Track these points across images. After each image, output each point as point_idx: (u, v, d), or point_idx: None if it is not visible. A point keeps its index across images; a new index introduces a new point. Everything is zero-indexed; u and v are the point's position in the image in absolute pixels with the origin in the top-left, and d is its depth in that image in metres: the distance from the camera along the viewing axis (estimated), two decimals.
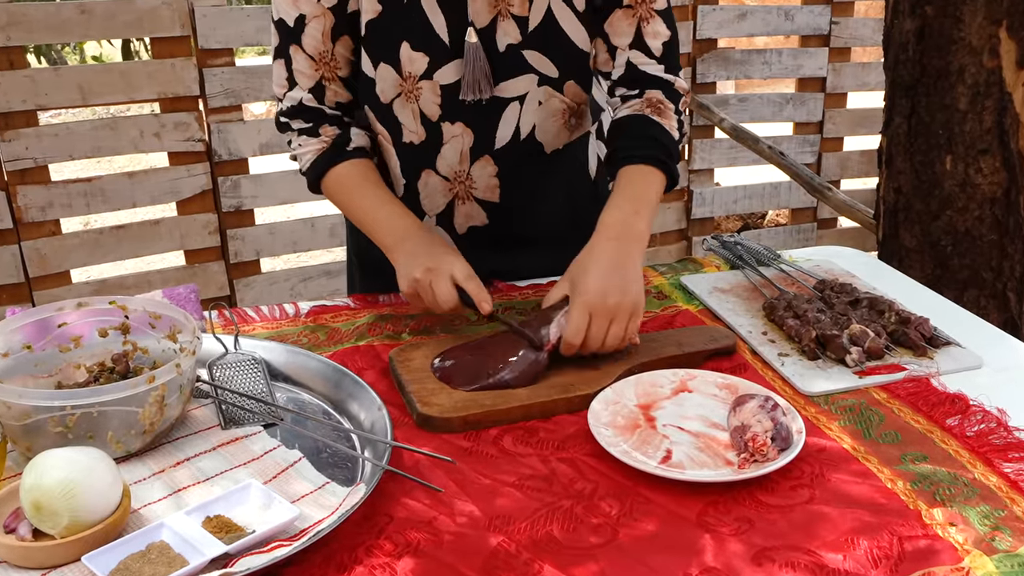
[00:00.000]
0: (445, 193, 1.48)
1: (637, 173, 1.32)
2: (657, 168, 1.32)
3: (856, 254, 1.70)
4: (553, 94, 1.40)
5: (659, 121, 1.37)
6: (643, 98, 1.39)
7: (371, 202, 1.38)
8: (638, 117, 1.37)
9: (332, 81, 1.41)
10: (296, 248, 3.45)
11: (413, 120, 1.41)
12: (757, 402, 1.10)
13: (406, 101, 1.39)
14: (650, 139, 1.34)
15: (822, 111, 4.07)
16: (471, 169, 1.44)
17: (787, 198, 4.20)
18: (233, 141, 3.18)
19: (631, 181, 1.31)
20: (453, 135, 1.41)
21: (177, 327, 1.15)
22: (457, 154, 1.43)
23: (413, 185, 1.48)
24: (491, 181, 1.46)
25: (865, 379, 1.23)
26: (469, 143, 1.42)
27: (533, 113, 1.41)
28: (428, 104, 1.38)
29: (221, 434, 1.10)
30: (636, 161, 1.32)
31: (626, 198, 1.29)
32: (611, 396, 1.17)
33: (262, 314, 1.43)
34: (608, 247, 1.24)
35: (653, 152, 1.33)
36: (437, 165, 1.45)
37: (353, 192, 1.40)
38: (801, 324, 1.33)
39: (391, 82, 1.37)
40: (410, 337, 1.36)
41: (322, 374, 1.21)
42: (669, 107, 1.39)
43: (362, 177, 1.40)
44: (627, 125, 1.38)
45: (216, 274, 3.30)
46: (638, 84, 1.40)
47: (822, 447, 1.09)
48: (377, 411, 1.11)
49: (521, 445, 1.10)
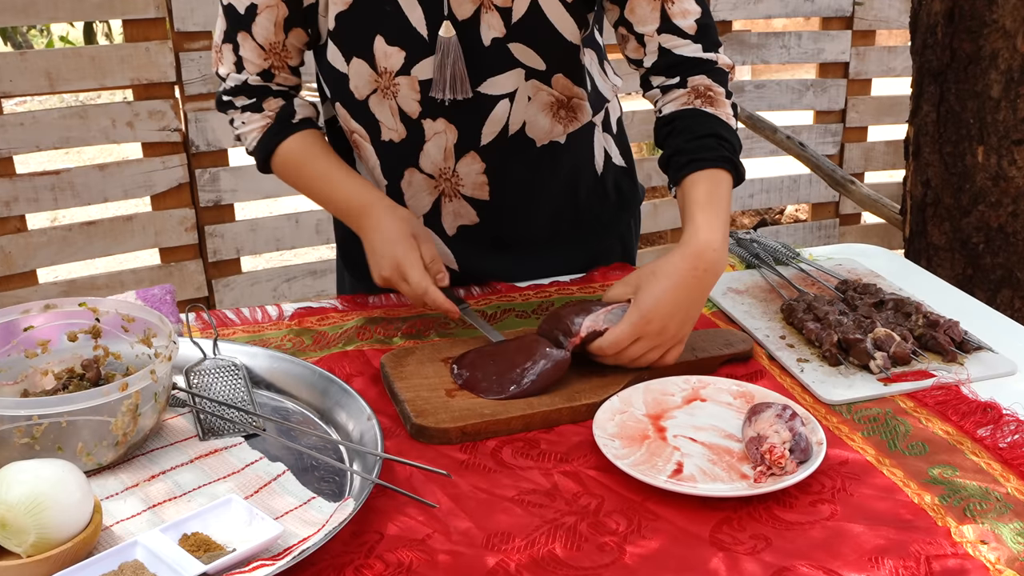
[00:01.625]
0: (430, 191, 1.48)
1: (709, 181, 1.27)
2: (726, 170, 1.28)
3: (881, 252, 1.70)
4: (541, 88, 1.40)
5: (714, 113, 1.33)
6: (688, 88, 1.35)
7: (323, 176, 1.39)
8: (691, 113, 1.33)
9: (281, 69, 1.41)
10: (279, 246, 3.45)
11: (392, 117, 1.41)
12: (774, 411, 1.10)
13: (383, 98, 1.39)
14: (712, 137, 1.30)
15: (844, 99, 4.08)
16: (456, 166, 1.44)
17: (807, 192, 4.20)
18: (212, 131, 3.18)
19: (706, 193, 1.26)
20: (435, 132, 1.41)
21: (152, 331, 1.15)
22: (441, 151, 1.43)
23: (396, 185, 1.48)
24: (479, 178, 1.46)
25: (890, 387, 1.23)
26: (453, 140, 1.42)
27: (523, 110, 1.41)
28: (407, 101, 1.38)
29: (199, 445, 1.10)
30: (704, 166, 1.28)
31: (709, 216, 1.23)
32: (618, 405, 1.17)
33: (243, 317, 1.44)
34: (688, 273, 1.20)
35: (718, 152, 1.29)
36: (420, 163, 1.45)
37: (303, 168, 1.41)
38: (822, 327, 1.33)
39: (365, 78, 1.38)
40: (403, 341, 1.36)
41: (308, 381, 1.21)
42: (719, 92, 1.35)
43: (311, 150, 1.41)
44: (682, 123, 1.33)
45: (193, 274, 3.30)
46: (677, 70, 1.37)
47: (844, 459, 1.10)
48: (367, 421, 1.11)
49: (521, 457, 1.11)
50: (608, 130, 1.56)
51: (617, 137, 1.59)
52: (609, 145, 1.56)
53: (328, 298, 1.52)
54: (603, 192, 1.56)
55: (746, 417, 1.12)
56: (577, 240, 1.56)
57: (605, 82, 1.52)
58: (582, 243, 1.57)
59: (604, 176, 1.56)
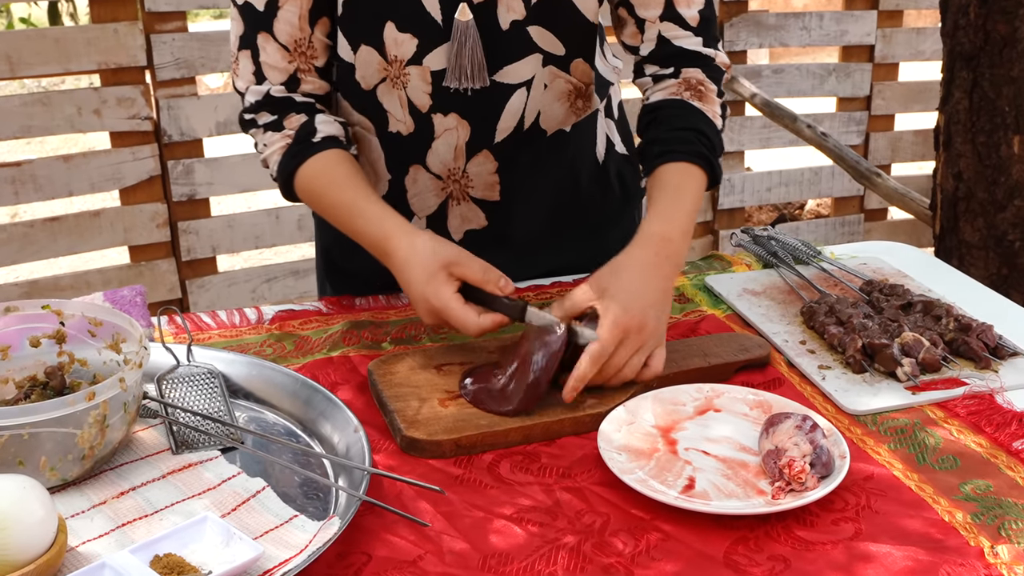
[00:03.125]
0: (437, 193, 1.47)
1: (678, 173, 1.30)
2: (699, 166, 1.31)
3: (909, 250, 1.71)
4: (559, 75, 1.40)
5: (700, 108, 1.36)
6: (680, 79, 1.38)
7: (343, 205, 1.33)
8: (676, 103, 1.36)
9: (308, 73, 1.38)
10: (259, 243, 3.46)
11: (400, 109, 1.40)
12: (794, 422, 1.10)
13: (392, 87, 1.38)
14: (691, 131, 1.33)
15: (870, 84, 4.08)
16: (467, 166, 1.44)
17: (829, 185, 4.21)
18: (185, 119, 3.19)
19: (671, 185, 1.30)
20: (446, 128, 1.40)
21: (121, 335, 1.15)
22: (451, 150, 1.43)
23: (399, 181, 1.47)
24: (490, 178, 1.46)
25: (919, 395, 1.24)
26: (465, 137, 1.41)
27: (539, 99, 1.41)
28: (417, 93, 1.38)
29: (172, 460, 1.10)
30: (677, 158, 1.31)
31: (668, 206, 1.27)
32: (625, 416, 1.17)
33: (219, 320, 1.44)
34: (652, 262, 1.23)
35: (695, 147, 1.31)
36: (428, 161, 1.44)
37: (323, 196, 1.36)
38: (845, 332, 1.34)
39: (374, 66, 1.37)
40: (392, 347, 1.37)
41: (289, 390, 1.21)
42: (711, 89, 1.38)
43: (331, 175, 1.35)
44: (664, 113, 1.36)
45: (166, 274, 3.30)
46: (672, 61, 1.39)
47: (869, 474, 1.10)
48: (353, 433, 1.11)
49: (520, 472, 1.11)
50: (610, 115, 1.56)
51: (619, 123, 1.59)
52: (611, 131, 1.56)
53: (311, 300, 1.52)
54: (605, 182, 1.56)
55: (763, 429, 1.12)
56: (579, 236, 1.57)
57: (606, 65, 1.52)
58: (585, 239, 1.57)
59: (606, 164, 1.56)
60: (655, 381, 1.24)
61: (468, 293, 1.24)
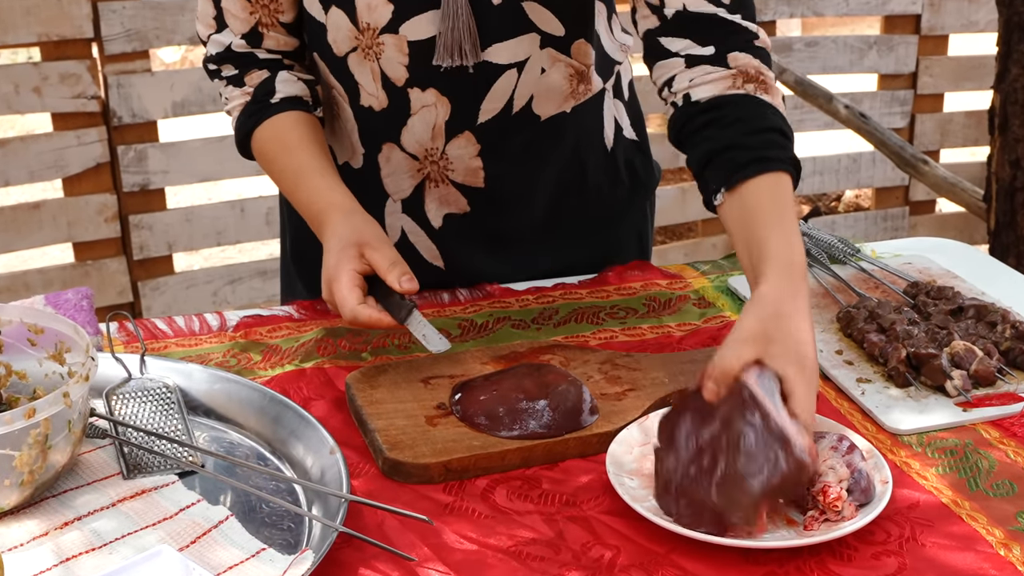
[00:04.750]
0: (412, 174, 1.49)
1: (777, 185, 1.23)
2: (789, 174, 1.25)
3: (960, 248, 1.71)
4: (559, 58, 1.41)
5: (771, 103, 1.30)
6: (733, 69, 1.30)
7: (292, 172, 1.41)
8: (745, 100, 1.29)
9: (271, 27, 1.42)
10: (221, 240, 3.46)
11: (372, 82, 1.42)
12: (828, 442, 1.11)
13: (363, 58, 1.40)
14: (775, 132, 1.27)
15: (915, 59, 4.09)
16: (446, 147, 1.45)
17: (869, 174, 4.21)
18: (138, 98, 3.19)
19: (780, 201, 1.22)
20: (424, 104, 1.42)
21: (64, 344, 1.15)
22: (428, 128, 1.44)
23: (373, 157, 1.49)
24: (472, 163, 1.47)
25: (971, 412, 1.24)
26: (445, 116, 1.42)
27: (533, 84, 1.41)
28: (392, 65, 1.39)
29: (123, 485, 1.10)
30: (773, 167, 1.23)
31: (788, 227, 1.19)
32: (636, 435, 1.17)
33: (176, 327, 1.44)
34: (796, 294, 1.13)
35: (786, 152, 1.25)
36: (402, 139, 1.45)
37: (274, 161, 1.43)
38: (887, 340, 1.34)
39: (345, 32, 1.38)
40: (373, 357, 1.37)
41: (256, 406, 1.21)
42: (770, 77, 1.32)
43: (285, 139, 1.42)
44: (735, 112, 1.28)
45: (115, 274, 3.30)
46: (704, 33, 1.31)
47: (914, 502, 1.10)
48: (329, 455, 1.11)
49: (519, 500, 1.11)
50: (619, 96, 1.56)
51: (629, 104, 1.59)
52: (620, 114, 1.56)
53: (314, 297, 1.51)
54: (614, 171, 1.57)
55: None
56: (585, 232, 1.57)
57: (613, 41, 1.52)
58: (591, 236, 1.57)
59: (615, 151, 1.56)
60: (670, 396, 1.24)
61: (374, 285, 1.28)
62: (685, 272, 1.62)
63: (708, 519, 1.02)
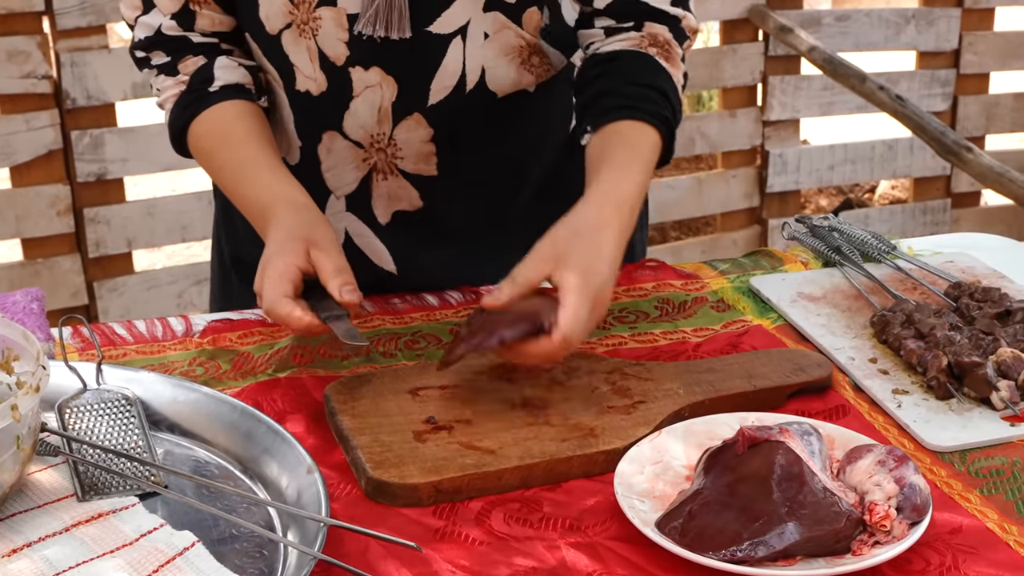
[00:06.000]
0: (357, 164, 1.49)
1: (638, 132, 1.36)
2: (660, 133, 1.37)
3: (1007, 244, 1.71)
4: (506, 24, 1.41)
5: (667, 68, 1.41)
6: (643, 32, 1.43)
7: (232, 168, 1.41)
8: (639, 56, 1.41)
9: (204, 5, 1.42)
10: (186, 235, 3.46)
11: (310, 63, 1.42)
12: (875, 456, 1.10)
13: (299, 36, 1.40)
14: (655, 90, 1.39)
15: (958, 35, 4.09)
16: (394, 132, 1.46)
17: (907, 163, 4.22)
18: (93, 78, 3.19)
19: (630, 142, 1.35)
20: (367, 85, 1.42)
21: (12, 352, 1.15)
22: (373, 112, 1.44)
23: (312, 149, 1.50)
24: (424, 147, 1.47)
25: (1019, 427, 1.24)
26: (391, 97, 1.43)
27: (479, 52, 1.42)
28: (330, 42, 1.40)
29: (78, 508, 1.10)
30: (639, 116, 1.36)
31: (627, 163, 1.33)
32: (649, 453, 1.17)
33: (137, 332, 1.44)
34: (606, 224, 1.27)
35: (659, 109, 1.37)
36: (345, 126, 1.46)
37: (212, 156, 1.44)
38: (927, 347, 1.34)
39: (278, 6, 1.39)
40: (355, 365, 1.37)
41: (226, 420, 1.21)
42: (676, 52, 1.44)
43: (225, 131, 1.43)
44: (624, 64, 1.41)
45: (68, 273, 3.30)
46: (632, 16, 1.44)
47: (956, 526, 1.10)
48: (306, 475, 1.11)
49: (517, 524, 1.11)
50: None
51: None
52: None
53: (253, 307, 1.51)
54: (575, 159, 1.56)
55: (839, 467, 1.12)
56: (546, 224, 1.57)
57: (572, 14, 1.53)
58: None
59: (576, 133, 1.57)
60: (687, 409, 1.24)
61: (310, 291, 1.28)
62: (702, 271, 1.62)
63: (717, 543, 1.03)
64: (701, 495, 1.07)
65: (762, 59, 4.03)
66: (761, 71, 4.04)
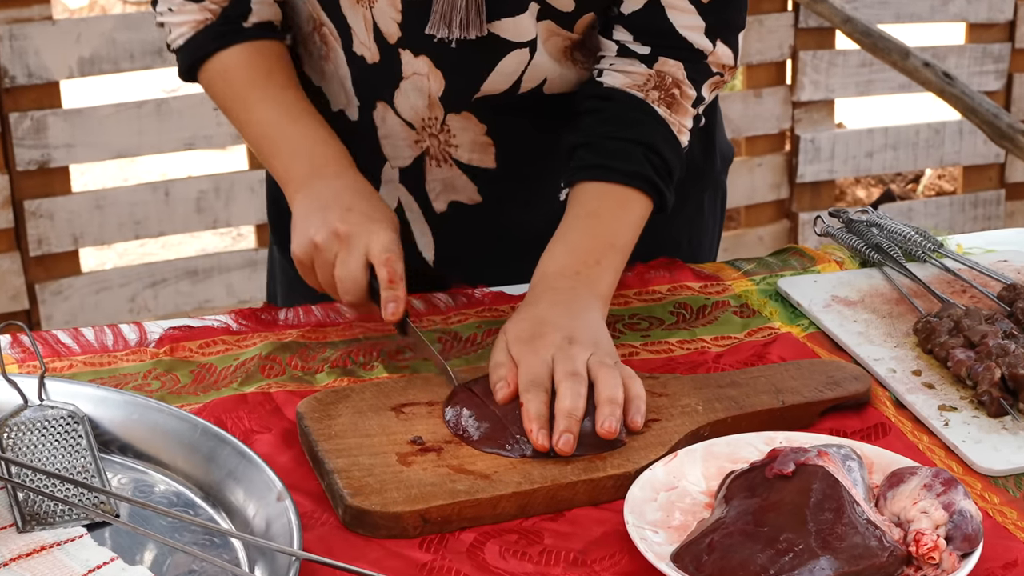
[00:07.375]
0: (410, 144, 1.53)
1: (601, 198, 1.40)
2: (641, 192, 1.41)
3: None
4: (556, 31, 1.45)
5: (665, 117, 1.44)
6: (652, 70, 1.44)
7: (275, 111, 1.46)
8: (633, 103, 1.44)
9: None
10: (140, 231, 3.45)
11: (364, 31, 1.46)
12: (921, 480, 1.10)
13: (356, 3, 1.44)
14: (640, 145, 1.42)
15: (1013, 5, 4.10)
16: (446, 119, 1.49)
17: (955, 149, 4.22)
18: (35, 54, 3.19)
19: (585, 212, 1.40)
20: (415, 72, 1.46)
21: None
22: (423, 97, 1.48)
23: (368, 113, 1.53)
24: (480, 139, 1.50)
25: None
26: (438, 90, 1.46)
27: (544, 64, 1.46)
28: (384, 18, 1.43)
29: (17, 540, 1.10)
30: (609, 178, 1.41)
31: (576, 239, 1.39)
32: (663, 477, 1.18)
33: (84, 341, 1.44)
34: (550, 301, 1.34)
35: (638, 168, 1.40)
36: (396, 103, 1.49)
37: (250, 93, 1.47)
38: (977, 358, 1.34)
39: None
40: (331, 379, 1.37)
41: (185, 441, 1.21)
42: (686, 95, 1.45)
43: (262, 70, 1.47)
44: (613, 110, 1.44)
45: (7, 274, 3.30)
46: (653, 39, 1.44)
47: (1012, 560, 1.10)
48: (276, 502, 1.11)
49: (514, 558, 1.11)
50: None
51: None
52: None
53: (215, 312, 1.52)
54: None
55: (879, 492, 1.13)
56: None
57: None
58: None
59: None
60: (706, 428, 1.24)
61: None
62: (723, 272, 1.62)
63: None
64: (723, 525, 1.08)
65: (792, 32, 4.03)
66: (791, 45, 4.04)
